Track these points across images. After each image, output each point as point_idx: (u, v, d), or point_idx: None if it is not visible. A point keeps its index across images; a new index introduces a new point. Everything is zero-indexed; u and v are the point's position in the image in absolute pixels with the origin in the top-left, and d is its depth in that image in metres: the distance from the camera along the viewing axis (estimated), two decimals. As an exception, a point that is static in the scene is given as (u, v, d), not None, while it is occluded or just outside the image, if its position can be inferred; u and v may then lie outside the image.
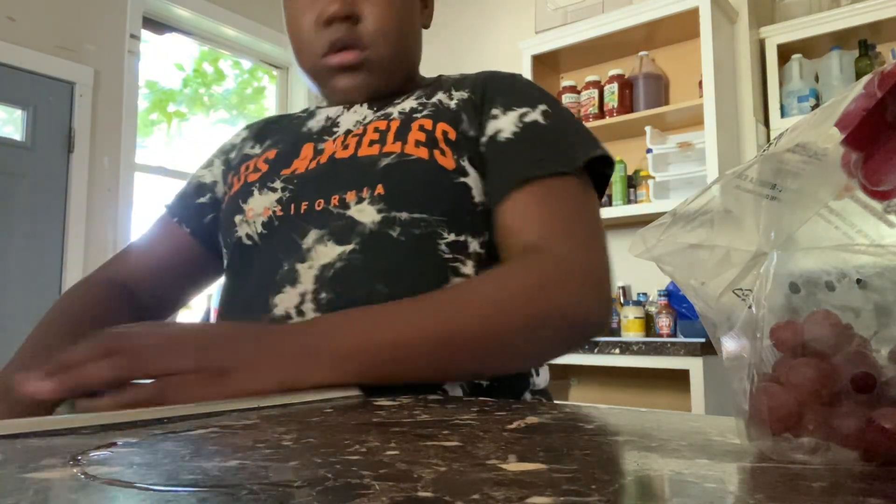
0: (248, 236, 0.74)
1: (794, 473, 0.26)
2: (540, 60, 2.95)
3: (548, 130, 0.73)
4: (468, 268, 0.69)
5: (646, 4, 2.64)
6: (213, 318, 3.35)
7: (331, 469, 0.26)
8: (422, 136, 0.72)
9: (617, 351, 2.33)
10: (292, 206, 0.72)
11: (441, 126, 0.73)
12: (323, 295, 0.66)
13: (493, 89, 0.78)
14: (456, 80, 0.82)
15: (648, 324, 2.59)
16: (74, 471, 0.26)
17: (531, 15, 3.11)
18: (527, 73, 2.91)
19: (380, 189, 0.69)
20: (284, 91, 3.50)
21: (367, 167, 0.71)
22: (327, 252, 0.68)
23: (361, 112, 0.80)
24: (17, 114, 2.50)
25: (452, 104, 0.77)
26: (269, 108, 3.49)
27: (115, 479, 0.25)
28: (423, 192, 0.69)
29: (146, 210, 2.80)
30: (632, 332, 2.56)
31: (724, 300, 0.31)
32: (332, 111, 0.83)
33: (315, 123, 0.83)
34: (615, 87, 2.76)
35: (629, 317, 2.58)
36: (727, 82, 2.56)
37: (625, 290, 2.75)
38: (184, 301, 0.90)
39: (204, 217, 0.86)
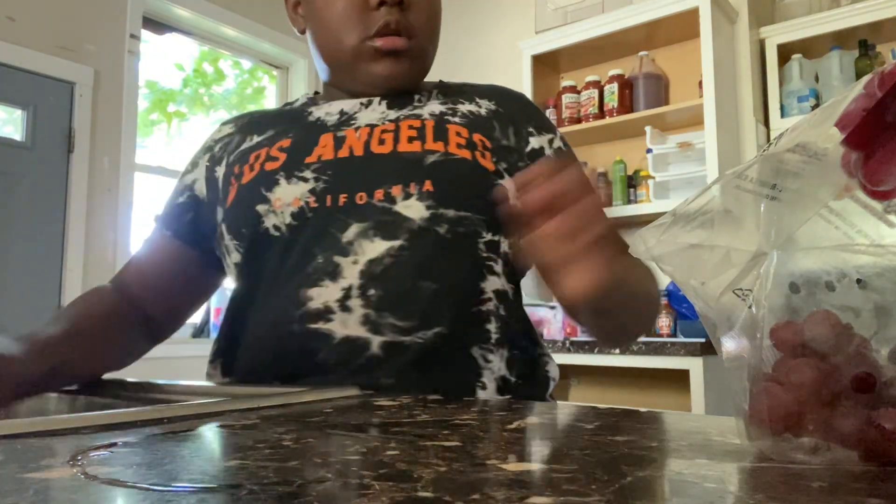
0: (276, 227, 0.72)
1: (794, 473, 0.26)
2: (540, 60, 2.95)
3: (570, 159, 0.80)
4: (499, 266, 0.71)
5: (646, 4, 2.64)
6: (213, 318, 3.29)
7: (331, 469, 0.26)
8: (462, 140, 0.73)
9: (617, 351, 2.33)
10: (328, 197, 0.71)
11: (476, 136, 0.74)
12: (371, 291, 0.65)
13: (519, 107, 0.81)
14: (470, 88, 0.83)
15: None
16: (74, 471, 0.26)
17: (531, 15, 3.11)
18: (527, 73, 2.91)
19: (428, 185, 0.69)
20: (284, 91, 3.49)
21: (412, 163, 0.71)
22: (374, 247, 0.67)
23: (379, 109, 0.79)
24: (17, 114, 2.49)
25: (483, 112, 0.78)
26: (269, 108, 3.49)
27: (115, 479, 0.25)
28: (469, 191, 0.71)
29: (146, 210, 2.80)
30: (632, 332, 2.56)
31: (724, 300, 0.31)
32: (347, 105, 0.81)
33: (327, 116, 0.80)
34: (615, 87, 2.76)
35: (629, 317, 2.57)
36: (727, 82, 2.56)
37: (625, 290, 2.75)
38: (187, 307, 0.87)
39: (184, 216, 0.83)
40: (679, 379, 2.22)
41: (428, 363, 0.64)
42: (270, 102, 3.51)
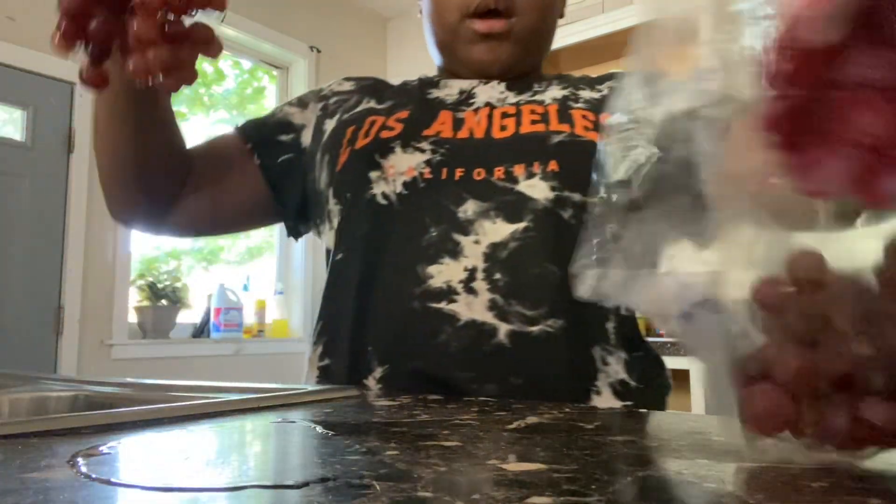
0: (385, 195, 0.68)
1: (794, 473, 0.26)
2: (540, 60, 2.95)
3: None
4: None
5: (646, 4, 2.64)
6: (213, 319, 3.27)
7: (331, 469, 0.26)
8: (589, 123, 0.69)
9: (617, 351, 2.33)
10: (444, 170, 0.68)
11: (605, 116, 0.70)
12: (497, 276, 0.62)
13: None
14: (587, 78, 0.80)
15: (648, 324, 2.59)
16: (74, 471, 0.26)
17: (531, 15, 3.11)
18: (527, 73, 2.91)
19: (553, 165, 0.66)
20: (284, 91, 3.49)
21: (536, 142, 0.67)
22: (497, 230, 0.64)
23: (498, 88, 0.76)
24: (17, 114, 2.49)
25: (606, 93, 0.75)
26: (269, 108, 3.48)
27: (115, 479, 0.25)
28: None
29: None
30: (632, 332, 2.56)
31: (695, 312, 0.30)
32: (465, 84, 0.78)
33: (446, 95, 0.77)
34: (615, 87, 2.76)
35: (629, 317, 2.57)
36: (727, 82, 2.56)
37: (625, 290, 2.75)
38: (213, 223, 0.83)
39: (280, 155, 0.79)
40: (679, 379, 2.22)
41: (553, 358, 0.61)
42: (270, 102, 3.51)
